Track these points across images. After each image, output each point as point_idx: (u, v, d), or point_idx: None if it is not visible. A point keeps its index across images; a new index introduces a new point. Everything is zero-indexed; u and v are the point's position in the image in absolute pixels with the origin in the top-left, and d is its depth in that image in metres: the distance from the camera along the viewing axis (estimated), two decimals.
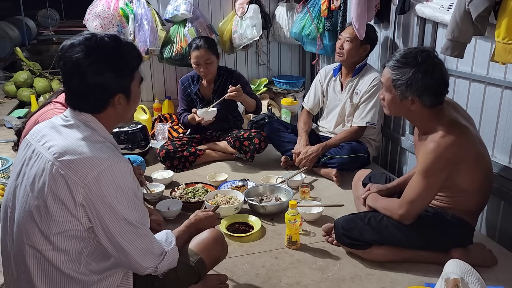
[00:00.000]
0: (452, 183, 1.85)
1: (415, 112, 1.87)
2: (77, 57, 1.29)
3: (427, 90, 1.80)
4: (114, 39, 1.36)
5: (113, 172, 1.26)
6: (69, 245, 1.27)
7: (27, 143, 1.38)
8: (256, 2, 4.05)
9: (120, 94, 1.36)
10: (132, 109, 1.46)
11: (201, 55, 3.06)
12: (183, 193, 2.61)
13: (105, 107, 1.36)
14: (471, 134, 1.83)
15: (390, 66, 1.87)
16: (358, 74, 3.00)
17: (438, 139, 1.78)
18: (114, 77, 1.33)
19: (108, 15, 3.71)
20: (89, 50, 1.30)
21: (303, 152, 2.96)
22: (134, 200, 1.31)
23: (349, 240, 2.00)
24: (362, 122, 2.94)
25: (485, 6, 1.80)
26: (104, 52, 1.33)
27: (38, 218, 1.26)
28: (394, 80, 1.84)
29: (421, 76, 1.78)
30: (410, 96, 1.82)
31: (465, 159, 1.79)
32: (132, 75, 1.39)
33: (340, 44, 2.97)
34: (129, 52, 1.38)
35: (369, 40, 2.93)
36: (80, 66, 1.29)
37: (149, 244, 1.35)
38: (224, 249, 1.69)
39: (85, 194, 1.23)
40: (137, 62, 1.41)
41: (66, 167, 1.24)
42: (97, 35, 1.34)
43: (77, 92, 1.34)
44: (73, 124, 1.34)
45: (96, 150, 1.27)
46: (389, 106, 1.94)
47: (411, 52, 1.84)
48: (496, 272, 1.94)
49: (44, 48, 10.94)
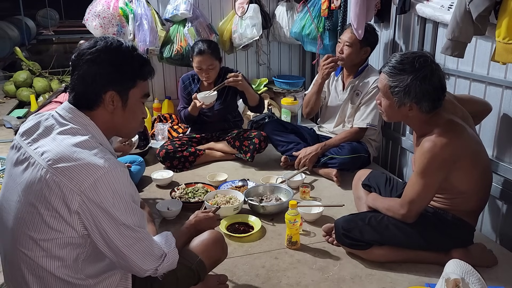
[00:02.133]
0: (451, 184, 1.85)
1: (413, 117, 1.87)
2: (86, 47, 1.32)
3: (425, 96, 1.79)
4: (131, 45, 1.38)
5: (110, 178, 1.23)
6: (63, 252, 1.25)
7: (18, 146, 1.33)
8: (256, 1, 4.04)
9: (113, 92, 1.33)
10: (130, 119, 1.41)
11: (204, 60, 3.03)
12: (183, 193, 2.61)
13: (97, 102, 1.33)
14: (467, 133, 1.82)
15: (387, 73, 1.84)
16: (360, 76, 3.00)
17: (434, 138, 1.78)
18: (111, 72, 1.32)
19: (108, 14, 3.71)
20: (98, 42, 1.33)
21: (303, 152, 2.96)
22: (131, 204, 1.29)
23: (349, 240, 2.00)
24: (362, 124, 2.94)
25: (486, 5, 1.79)
26: (111, 47, 1.33)
27: (31, 225, 1.24)
28: (391, 87, 1.83)
29: (419, 83, 1.76)
30: (408, 103, 1.82)
31: (462, 157, 1.79)
32: (134, 81, 1.37)
33: (340, 48, 2.95)
34: (139, 61, 1.38)
35: (369, 42, 2.92)
36: (84, 55, 1.31)
37: (149, 247, 1.34)
38: (224, 251, 1.68)
39: (81, 201, 1.21)
40: (144, 74, 1.40)
41: (61, 174, 1.21)
42: (117, 38, 1.37)
43: (75, 82, 1.33)
44: (69, 128, 1.30)
45: (91, 156, 1.24)
46: (387, 112, 1.93)
47: (408, 58, 1.81)
48: (496, 272, 1.94)
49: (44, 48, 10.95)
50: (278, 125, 3.27)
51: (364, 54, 2.95)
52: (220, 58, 3.16)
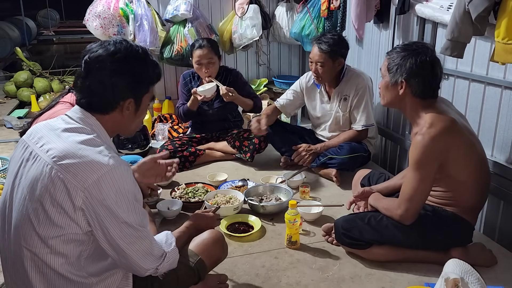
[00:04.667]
0: (446, 174, 1.85)
1: (406, 101, 1.89)
2: (104, 53, 1.33)
3: (416, 75, 1.83)
4: (143, 50, 1.41)
5: (114, 176, 1.25)
6: (67, 248, 1.27)
7: (24, 144, 1.36)
8: (256, 2, 4.05)
9: (131, 99, 1.38)
10: (136, 121, 1.46)
11: (204, 54, 3.05)
12: (183, 193, 2.61)
13: (114, 108, 1.37)
14: (458, 124, 1.84)
15: (388, 53, 1.94)
16: (342, 81, 2.95)
17: (424, 131, 1.80)
18: (132, 81, 1.36)
19: (108, 15, 3.72)
20: (117, 50, 1.34)
21: (305, 146, 2.97)
22: (134, 203, 1.31)
23: (349, 240, 2.00)
24: (358, 127, 2.94)
25: (485, 6, 1.80)
26: (131, 56, 1.36)
27: (36, 221, 1.25)
28: (389, 64, 1.90)
29: (412, 60, 1.82)
30: (400, 79, 1.85)
31: (454, 147, 1.80)
32: (148, 88, 1.42)
33: (314, 69, 2.88)
34: (152, 66, 1.42)
35: (340, 54, 2.84)
36: (104, 62, 1.32)
37: (150, 246, 1.35)
38: (224, 250, 1.69)
39: (84, 198, 1.22)
40: (156, 78, 1.45)
41: (66, 171, 1.23)
42: (129, 41, 1.39)
43: (92, 88, 1.34)
44: (75, 127, 1.33)
45: (96, 154, 1.26)
46: (383, 93, 1.97)
47: (410, 43, 1.94)
48: (496, 272, 1.94)
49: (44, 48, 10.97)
50: (277, 125, 3.27)
51: (339, 65, 2.89)
52: (220, 55, 3.17)
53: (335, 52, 2.80)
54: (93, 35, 3.85)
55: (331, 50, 2.79)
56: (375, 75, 3.21)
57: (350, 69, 3.00)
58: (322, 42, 2.80)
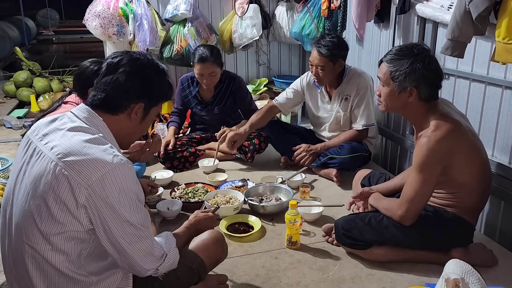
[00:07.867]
0: (450, 177, 1.85)
1: (411, 106, 1.88)
2: (127, 58, 1.42)
3: (425, 80, 1.81)
4: (163, 67, 1.51)
5: (117, 174, 1.26)
6: (68, 246, 1.27)
7: (28, 141, 1.37)
8: (256, 1, 4.05)
9: (142, 104, 1.43)
10: (138, 132, 1.52)
11: (206, 68, 3.01)
12: (183, 193, 2.61)
13: (124, 109, 1.41)
14: (463, 126, 1.83)
15: (387, 60, 1.90)
16: (343, 81, 2.94)
17: (429, 133, 1.79)
18: (147, 87, 1.43)
19: (108, 14, 3.71)
20: (140, 57, 1.44)
21: (305, 146, 2.96)
22: (136, 202, 1.31)
23: (349, 240, 2.00)
24: (359, 126, 2.94)
25: (485, 5, 1.79)
26: (151, 65, 1.46)
27: (38, 218, 1.25)
28: (392, 72, 1.86)
29: (419, 65, 1.80)
30: (409, 87, 1.83)
31: (459, 150, 1.80)
32: (158, 101, 1.49)
33: (314, 72, 2.87)
34: (167, 84, 1.52)
35: (340, 56, 2.83)
36: (125, 64, 1.40)
37: (150, 246, 1.35)
38: (224, 250, 1.69)
39: (87, 195, 1.23)
40: (167, 95, 1.53)
41: (70, 168, 1.23)
42: (152, 57, 1.49)
43: (109, 85, 1.39)
44: (80, 127, 1.34)
45: (101, 152, 1.27)
46: (386, 101, 1.94)
47: (406, 46, 1.89)
48: (496, 272, 1.94)
49: (44, 48, 10.97)
50: (278, 125, 3.26)
51: (340, 67, 2.88)
52: (222, 64, 3.13)
53: (335, 55, 2.80)
54: (92, 35, 3.85)
55: (331, 54, 2.78)
56: (376, 75, 3.19)
57: (351, 69, 2.99)
58: (321, 45, 2.79)
